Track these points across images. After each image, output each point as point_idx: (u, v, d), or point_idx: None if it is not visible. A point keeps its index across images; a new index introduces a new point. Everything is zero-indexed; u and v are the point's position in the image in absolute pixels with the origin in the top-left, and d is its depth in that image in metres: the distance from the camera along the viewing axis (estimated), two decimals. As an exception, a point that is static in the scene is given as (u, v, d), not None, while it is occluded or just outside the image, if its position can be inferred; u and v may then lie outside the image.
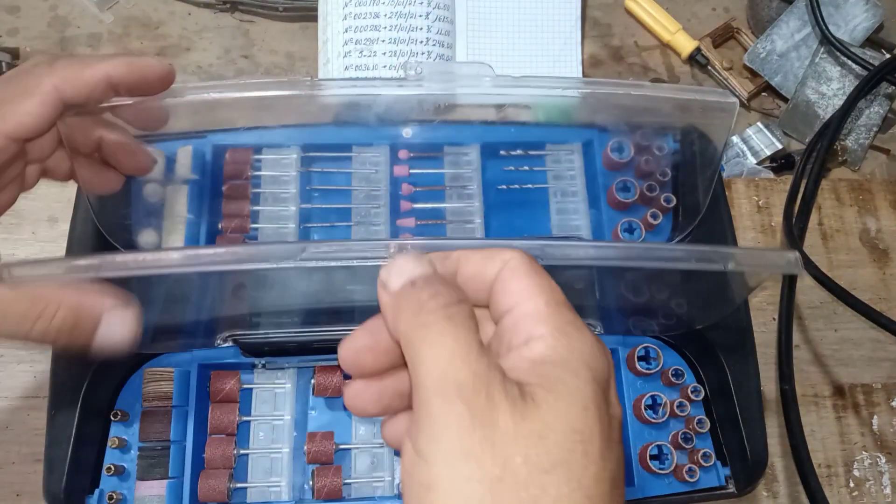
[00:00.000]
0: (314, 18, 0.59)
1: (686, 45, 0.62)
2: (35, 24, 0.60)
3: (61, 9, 0.61)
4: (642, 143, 0.49)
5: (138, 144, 0.40)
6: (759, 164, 0.59)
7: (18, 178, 0.36)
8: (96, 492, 0.41)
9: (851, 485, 0.49)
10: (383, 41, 0.57)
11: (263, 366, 0.45)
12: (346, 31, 0.57)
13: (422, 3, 0.57)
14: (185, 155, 0.47)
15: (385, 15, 0.57)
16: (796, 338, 0.52)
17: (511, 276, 0.24)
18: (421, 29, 0.57)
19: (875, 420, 0.51)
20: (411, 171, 0.50)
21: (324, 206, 0.49)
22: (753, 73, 0.62)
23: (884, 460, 0.49)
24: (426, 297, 0.23)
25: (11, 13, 0.61)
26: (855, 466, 0.49)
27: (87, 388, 0.42)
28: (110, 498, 0.41)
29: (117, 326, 0.32)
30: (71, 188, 0.52)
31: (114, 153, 0.39)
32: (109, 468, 0.42)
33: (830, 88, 0.60)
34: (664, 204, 0.48)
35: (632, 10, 0.64)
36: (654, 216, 0.48)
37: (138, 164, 0.40)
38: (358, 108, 0.46)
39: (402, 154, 0.50)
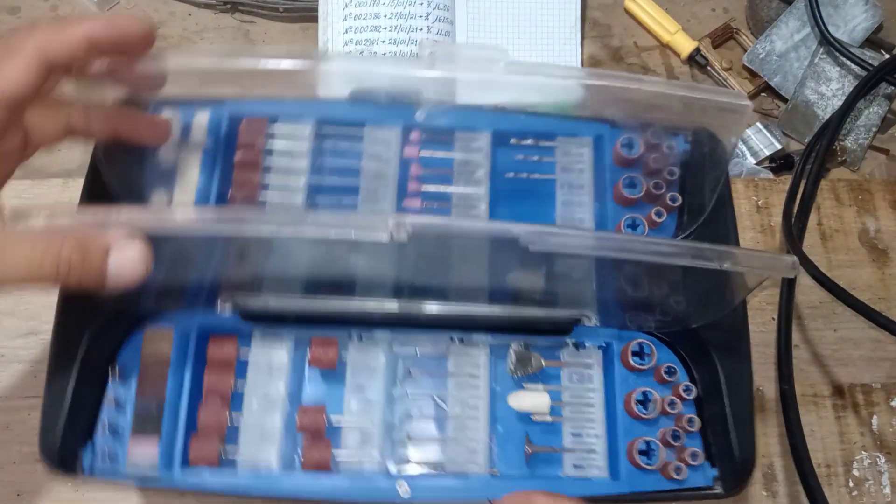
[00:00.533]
0: (314, 19, 0.59)
1: (685, 45, 0.62)
2: (36, 25, 0.61)
3: (62, 9, 0.61)
4: (652, 141, 0.49)
5: (152, 116, 0.41)
6: (758, 164, 0.59)
7: (17, 149, 0.35)
8: (90, 446, 0.41)
9: (851, 484, 0.49)
10: (383, 42, 0.57)
11: (262, 333, 0.45)
12: (347, 31, 0.57)
13: (422, 3, 0.57)
14: (200, 121, 0.47)
15: (385, 16, 0.57)
16: (796, 337, 0.52)
17: None
18: (421, 29, 0.57)
19: (874, 420, 0.51)
20: (421, 153, 0.50)
21: (333, 181, 0.49)
22: (753, 74, 0.62)
23: (883, 460, 0.49)
24: None
25: (12, 13, 0.61)
26: (854, 466, 0.49)
27: (88, 345, 0.42)
28: (104, 455, 0.41)
29: (128, 258, 0.31)
30: (72, 189, 0.52)
31: (133, 132, 0.40)
32: (104, 426, 0.42)
33: (830, 89, 0.60)
34: (669, 203, 0.48)
35: (631, 10, 0.64)
36: (659, 214, 0.48)
37: (156, 132, 0.42)
38: (372, 87, 0.45)
39: (414, 136, 0.50)
